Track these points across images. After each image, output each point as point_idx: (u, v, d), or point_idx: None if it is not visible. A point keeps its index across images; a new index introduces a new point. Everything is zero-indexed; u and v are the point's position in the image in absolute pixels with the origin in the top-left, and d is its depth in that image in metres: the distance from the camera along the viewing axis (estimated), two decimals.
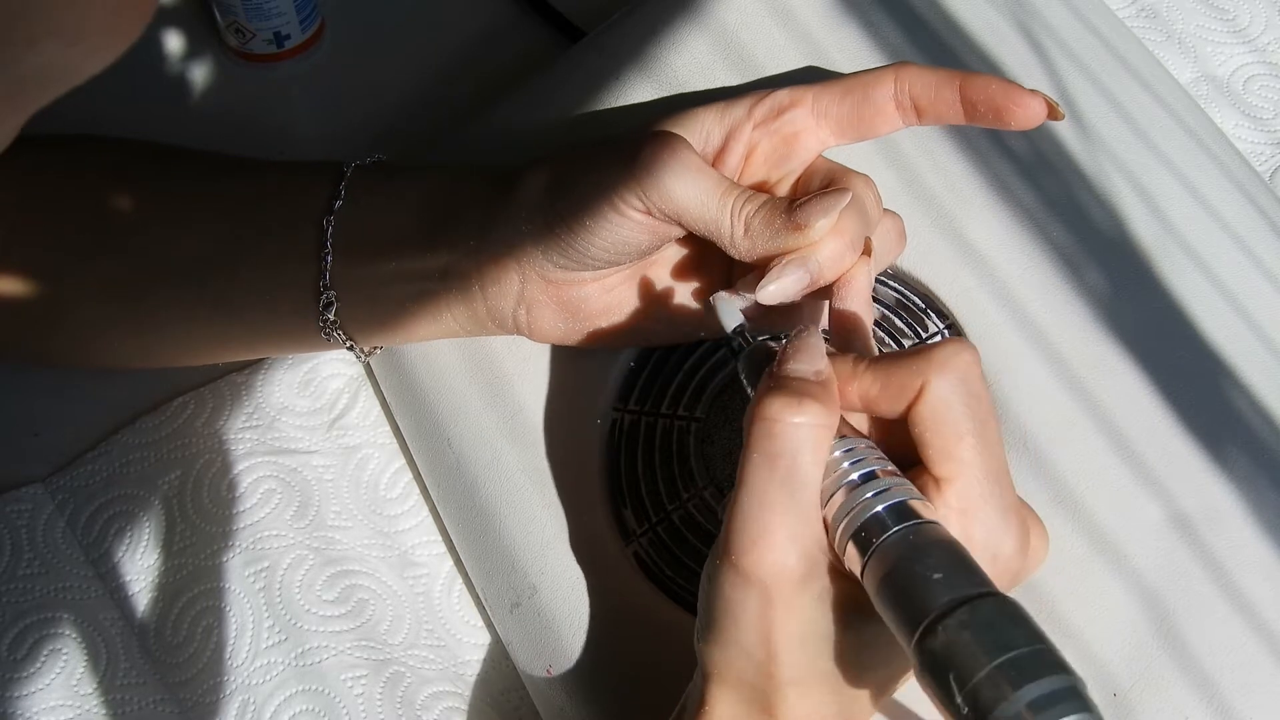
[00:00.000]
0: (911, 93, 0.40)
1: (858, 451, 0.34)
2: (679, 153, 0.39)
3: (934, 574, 0.31)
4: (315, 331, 0.45)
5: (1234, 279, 0.46)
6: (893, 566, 0.31)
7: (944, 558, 0.31)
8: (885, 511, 0.32)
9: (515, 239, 0.42)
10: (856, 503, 0.33)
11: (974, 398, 0.34)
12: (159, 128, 0.49)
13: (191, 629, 0.47)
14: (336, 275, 0.44)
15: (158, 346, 0.48)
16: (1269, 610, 0.41)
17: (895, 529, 0.32)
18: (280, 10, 0.56)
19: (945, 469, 0.33)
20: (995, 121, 0.40)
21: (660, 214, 0.39)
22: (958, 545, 0.32)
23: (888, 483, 0.33)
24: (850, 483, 0.33)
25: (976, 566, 0.31)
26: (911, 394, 0.33)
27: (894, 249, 0.43)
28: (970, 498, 0.33)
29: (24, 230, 0.45)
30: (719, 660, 0.35)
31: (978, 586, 0.31)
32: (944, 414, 0.33)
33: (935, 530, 0.32)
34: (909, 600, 0.31)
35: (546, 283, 0.42)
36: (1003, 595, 0.30)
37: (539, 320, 0.43)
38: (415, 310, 0.44)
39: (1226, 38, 0.62)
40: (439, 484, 0.49)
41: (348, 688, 0.47)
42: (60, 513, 0.48)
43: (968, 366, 0.34)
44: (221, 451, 0.50)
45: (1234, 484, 0.42)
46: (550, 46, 0.60)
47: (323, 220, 0.44)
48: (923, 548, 0.31)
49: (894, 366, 0.34)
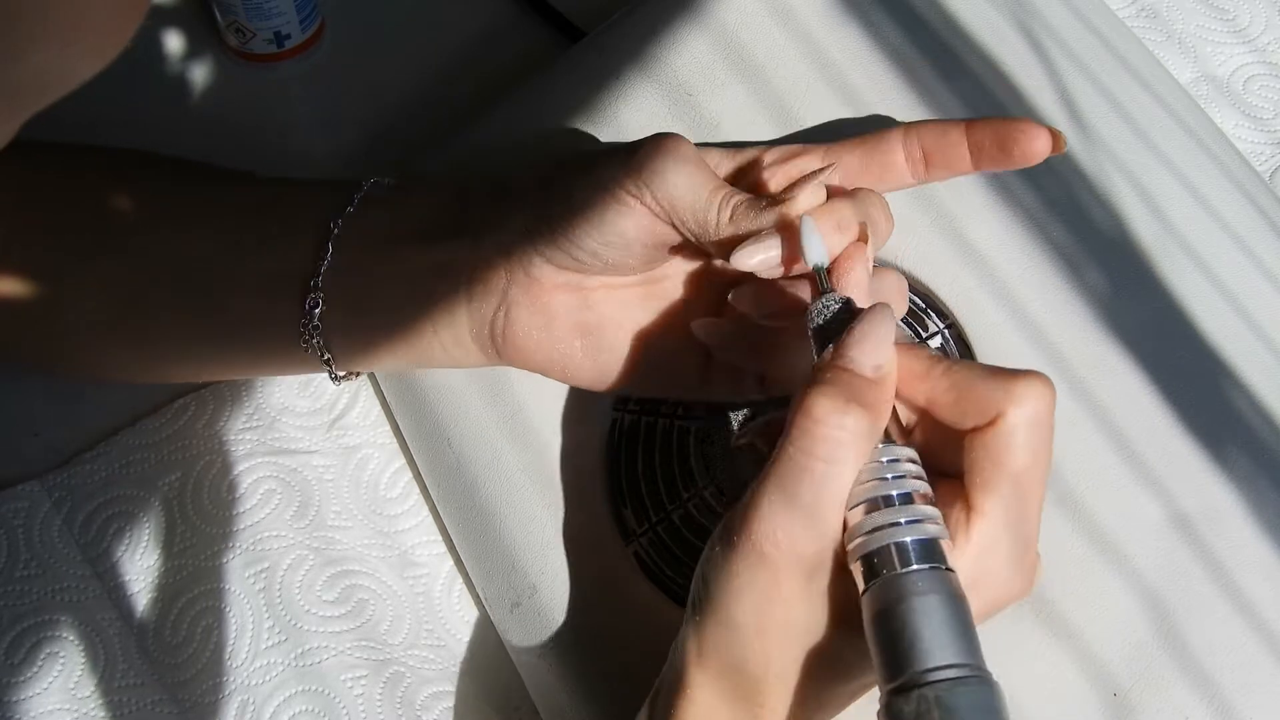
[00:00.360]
0: (921, 143, 0.41)
1: (901, 465, 0.33)
2: (680, 147, 0.39)
3: (926, 632, 0.30)
4: (297, 341, 0.44)
5: (1234, 279, 0.46)
6: (891, 606, 0.31)
7: (945, 617, 0.30)
8: (905, 545, 0.31)
9: (509, 234, 0.41)
10: (881, 524, 0.32)
11: (1043, 441, 0.33)
12: (158, 127, 0.50)
13: (191, 630, 0.47)
14: (328, 276, 0.43)
15: (151, 356, 0.47)
16: (1269, 610, 0.41)
17: (908, 569, 0.31)
18: (280, 10, 0.56)
19: (985, 503, 0.33)
20: (1001, 156, 0.40)
21: (655, 204, 0.38)
22: (963, 604, 0.31)
23: (921, 512, 0.32)
24: (884, 498, 0.32)
25: (973, 635, 0.31)
26: (985, 418, 0.33)
27: (894, 307, 0.41)
28: (996, 539, 0.33)
29: (24, 230, 0.45)
30: (710, 639, 0.34)
31: (967, 659, 0.30)
32: (1009, 450, 0.32)
33: (947, 581, 0.31)
34: (894, 648, 0.30)
35: (530, 280, 0.41)
36: (986, 680, 0.30)
37: (515, 326, 0.41)
38: (398, 317, 0.43)
39: (1226, 38, 0.62)
40: (439, 484, 0.49)
41: (347, 688, 0.47)
42: (57, 510, 0.48)
43: (1048, 408, 0.33)
44: (221, 453, 0.50)
45: (1234, 484, 0.42)
46: (550, 46, 0.60)
47: (330, 223, 0.44)
48: (927, 598, 0.31)
49: (975, 382, 0.33)
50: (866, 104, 0.48)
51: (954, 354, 0.45)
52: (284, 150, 0.57)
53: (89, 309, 0.46)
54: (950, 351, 0.45)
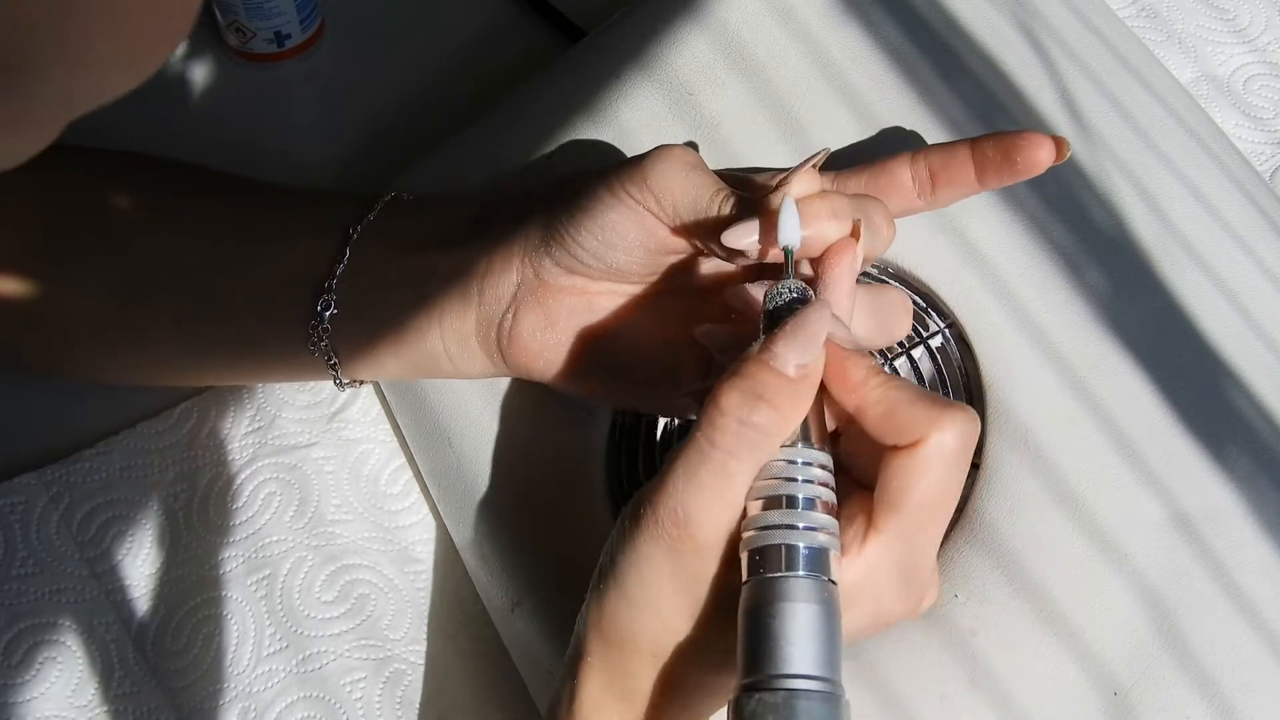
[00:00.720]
0: (927, 163, 0.41)
1: (811, 469, 0.33)
2: (684, 154, 0.39)
3: (790, 638, 0.30)
4: (303, 345, 0.44)
5: (1234, 278, 0.46)
6: (763, 605, 0.31)
7: (813, 628, 0.31)
8: (796, 549, 0.32)
9: (523, 239, 0.42)
10: (776, 523, 0.32)
11: (955, 474, 0.33)
12: (158, 127, 0.50)
13: (192, 636, 0.47)
14: (343, 280, 0.44)
15: (153, 359, 0.47)
16: (1270, 609, 0.41)
17: (790, 573, 0.31)
18: (280, 10, 0.56)
19: (884, 522, 0.33)
20: (1006, 167, 0.40)
21: (658, 207, 0.39)
22: (835, 620, 0.31)
23: (817, 520, 0.32)
24: (786, 498, 0.32)
25: (836, 650, 0.31)
26: (906, 439, 0.33)
27: (897, 324, 0.41)
28: (887, 559, 0.33)
29: (28, 232, 0.45)
30: (608, 608, 0.35)
31: (823, 673, 0.30)
32: (920, 475, 0.33)
33: (826, 592, 0.32)
34: (755, 646, 0.31)
35: (539, 282, 0.42)
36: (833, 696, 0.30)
37: (520, 326, 0.42)
38: (407, 319, 0.43)
39: (1227, 37, 0.62)
40: (439, 484, 0.49)
41: (347, 692, 0.47)
42: (55, 506, 0.48)
43: (967, 440, 0.33)
44: (223, 458, 0.50)
45: (1235, 483, 0.42)
46: (550, 46, 0.60)
47: (348, 229, 0.44)
48: (800, 605, 0.31)
49: (903, 404, 0.33)
50: (866, 104, 0.48)
51: (954, 354, 0.45)
52: (284, 150, 0.57)
53: (91, 311, 0.46)
54: (950, 352, 0.45)
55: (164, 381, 0.50)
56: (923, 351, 0.45)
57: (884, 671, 0.41)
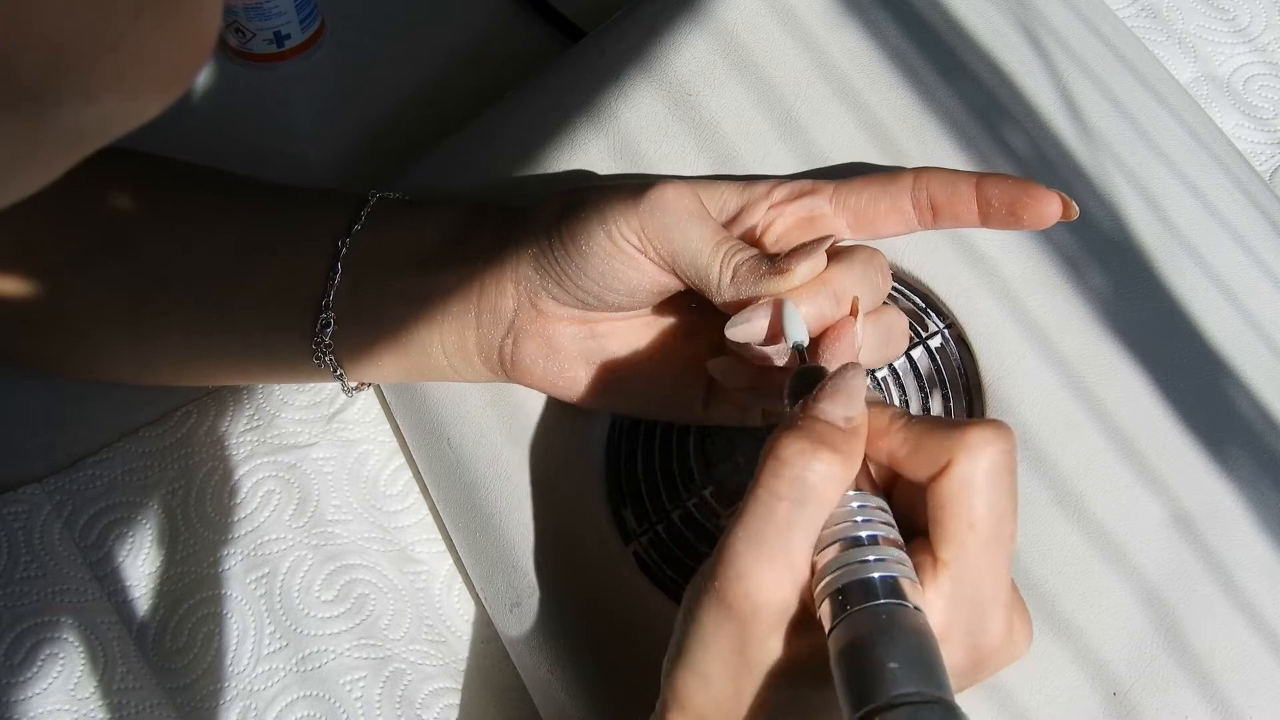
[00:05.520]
0: (929, 191, 0.41)
1: (869, 510, 0.33)
2: (683, 198, 0.39)
3: (892, 662, 0.30)
4: (308, 355, 0.45)
5: (1235, 278, 0.46)
6: (856, 639, 0.31)
7: (910, 648, 0.30)
8: (872, 581, 0.31)
9: (520, 261, 0.42)
10: (848, 562, 0.32)
11: (997, 488, 0.32)
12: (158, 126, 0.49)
13: (192, 635, 0.47)
14: (341, 295, 0.44)
15: (153, 358, 0.47)
16: (1270, 609, 0.41)
17: (873, 603, 0.31)
18: (280, 10, 0.56)
19: (947, 552, 0.33)
20: (1010, 219, 0.40)
21: (655, 254, 0.39)
22: (930, 639, 0.31)
23: (886, 553, 0.32)
24: (851, 539, 0.32)
25: (940, 667, 0.31)
26: (937, 467, 0.33)
27: (895, 344, 0.41)
28: (963, 586, 0.33)
29: (32, 233, 0.45)
30: (683, 688, 0.34)
31: (932, 688, 0.30)
32: (961, 498, 0.32)
33: (913, 618, 0.31)
34: (858, 679, 0.30)
35: (537, 313, 0.42)
36: (950, 705, 0.30)
37: (522, 353, 0.42)
38: (409, 335, 0.44)
39: (1227, 37, 0.62)
40: (439, 483, 0.49)
41: (347, 691, 0.47)
42: (58, 514, 0.48)
43: (1000, 454, 0.32)
44: (223, 458, 0.50)
45: (1236, 483, 0.42)
46: (550, 46, 0.60)
47: (338, 241, 0.44)
48: (892, 630, 0.30)
49: (926, 433, 0.33)
50: (866, 104, 0.48)
51: (953, 354, 0.45)
52: (284, 150, 0.57)
53: (95, 311, 0.46)
54: (950, 352, 0.45)
55: (170, 380, 0.50)
56: (922, 351, 0.45)
57: None
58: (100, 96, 0.23)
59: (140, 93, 0.24)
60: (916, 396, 0.45)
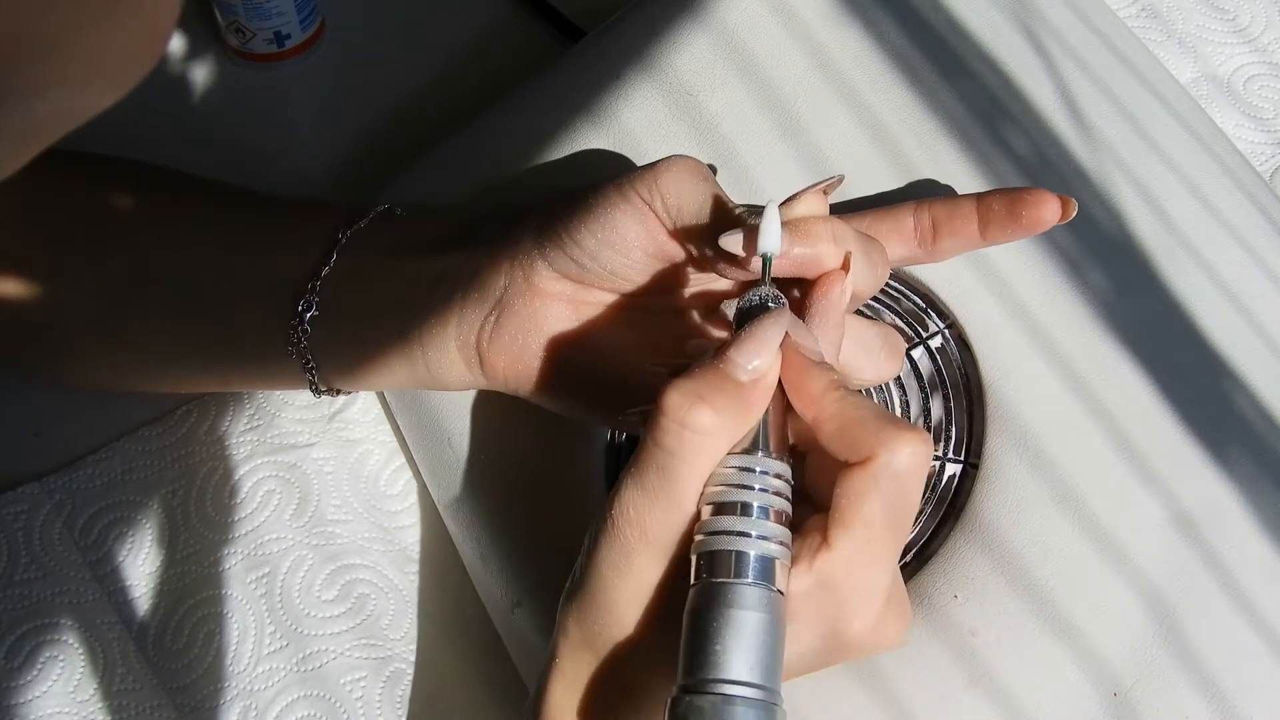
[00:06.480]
0: (931, 211, 0.41)
1: (768, 479, 0.33)
2: (696, 165, 0.40)
3: (727, 644, 0.30)
4: (282, 346, 0.44)
5: (1235, 278, 0.46)
6: (700, 608, 0.31)
7: (755, 637, 0.31)
8: (739, 555, 0.32)
9: (519, 239, 0.41)
10: (721, 529, 0.32)
11: (904, 494, 0.33)
12: (158, 127, 0.50)
13: (193, 635, 0.47)
14: (326, 283, 0.43)
15: (143, 363, 0.47)
16: (1270, 609, 0.41)
17: (725, 579, 0.31)
18: (280, 10, 0.56)
19: (837, 539, 0.33)
20: (1010, 222, 0.41)
21: (664, 212, 0.39)
22: (778, 631, 0.31)
23: (770, 530, 0.32)
24: (741, 505, 0.32)
25: (776, 657, 0.31)
26: (856, 456, 0.33)
27: (890, 358, 0.41)
28: (840, 574, 0.33)
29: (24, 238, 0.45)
30: (577, 612, 0.35)
31: (758, 681, 0.30)
32: (869, 496, 0.33)
33: (771, 602, 0.31)
34: (695, 648, 0.31)
35: (528, 286, 0.41)
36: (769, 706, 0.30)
37: (502, 329, 0.41)
38: (386, 324, 0.43)
39: (1227, 37, 0.62)
40: (439, 484, 0.49)
41: (347, 691, 0.47)
42: (58, 513, 0.48)
43: (918, 465, 0.33)
44: (223, 458, 0.50)
45: (1236, 483, 0.42)
46: (550, 46, 0.60)
47: (337, 234, 0.44)
48: (744, 613, 0.31)
49: (854, 421, 0.33)
50: (866, 104, 0.48)
51: (954, 355, 0.45)
52: (284, 149, 0.57)
53: (87, 315, 0.46)
54: (950, 352, 0.45)
55: (149, 387, 0.49)
56: (923, 352, 0.45)
57: (884, 671, 0.41)
58: (44, 92, 0.22)
59: (88, 86, 0.24)
60: (917, 397, 0.45)
